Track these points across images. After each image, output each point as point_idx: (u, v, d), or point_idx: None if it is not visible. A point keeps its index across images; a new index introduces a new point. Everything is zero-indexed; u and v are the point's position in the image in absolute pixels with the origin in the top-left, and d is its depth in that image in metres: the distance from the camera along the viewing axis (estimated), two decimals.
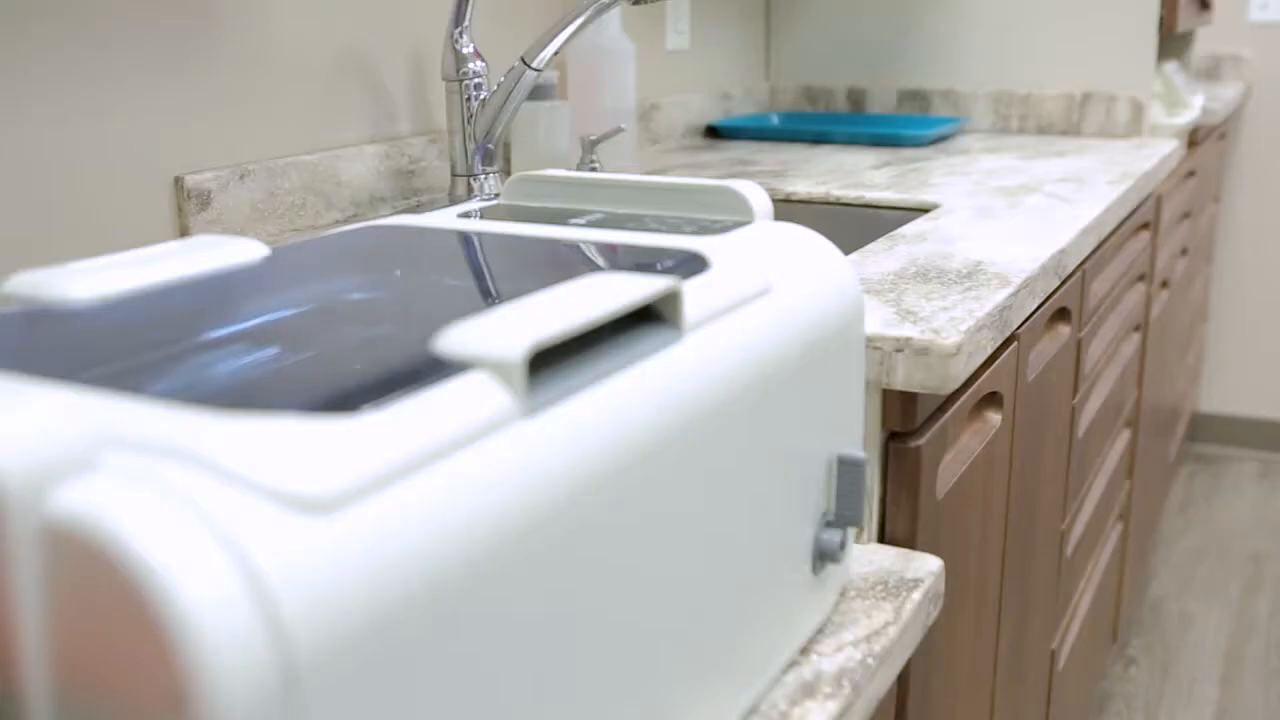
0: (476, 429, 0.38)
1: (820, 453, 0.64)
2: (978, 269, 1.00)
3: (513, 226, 0.69)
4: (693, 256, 0.60)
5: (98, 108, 1.02)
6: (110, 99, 1.03)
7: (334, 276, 0.61)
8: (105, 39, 1.02)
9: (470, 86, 1.28)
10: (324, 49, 1.25)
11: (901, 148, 1.84)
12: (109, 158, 1.03)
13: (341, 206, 1.27)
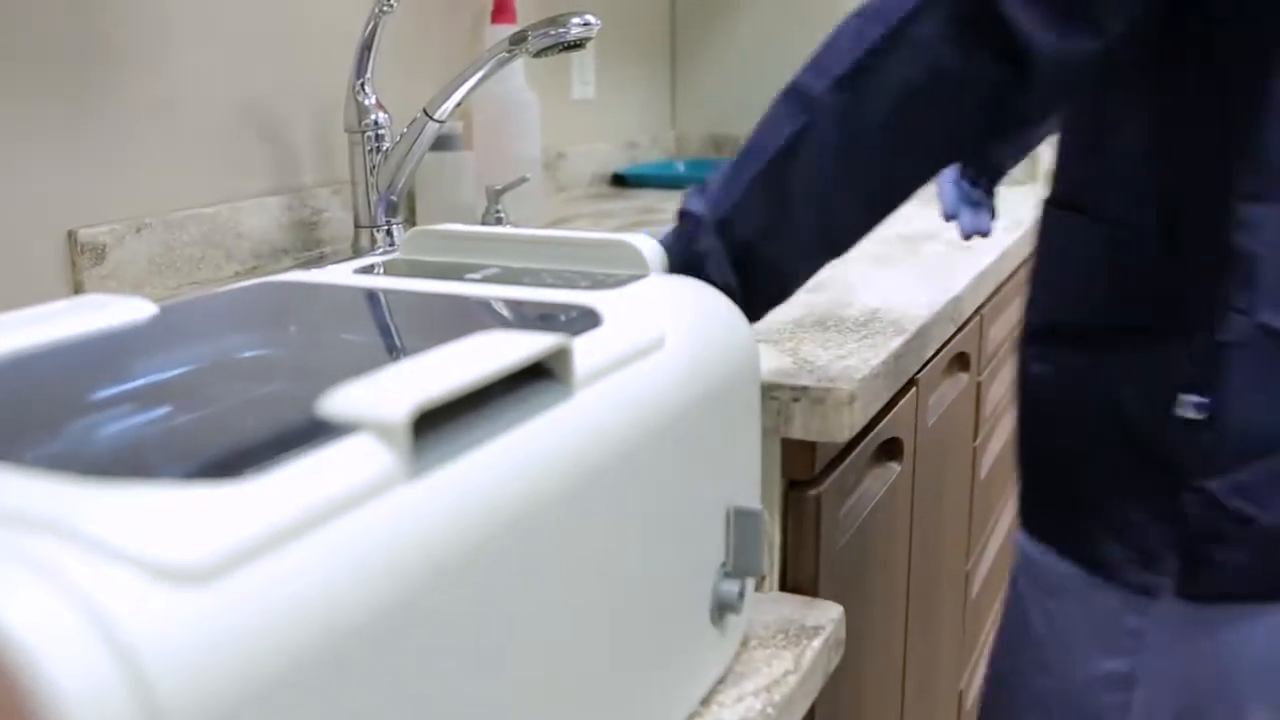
0: (359, 492, 0.38)
1: (717, 504, 0.65)
2: (875, 317, 1.02)
3: (408, 282, 0.69)
4: (585, 312, 0.60)
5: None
6: (0, 150, 1.01)
7: (224, 335, 0.61)
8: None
9: (373, 138, 1.28)
10: (225, 100, 1.25)
11: None
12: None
13: (242, 259, 1.25)
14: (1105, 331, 0.81)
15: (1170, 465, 0.78)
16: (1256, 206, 0.73)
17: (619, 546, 0.53)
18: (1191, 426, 0.76)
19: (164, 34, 1.17)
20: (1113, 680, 0.85)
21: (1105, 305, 0.81)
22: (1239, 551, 0.77)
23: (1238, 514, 0.76)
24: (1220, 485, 0.76)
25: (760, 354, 0.89)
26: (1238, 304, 0.74)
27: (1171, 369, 0.77)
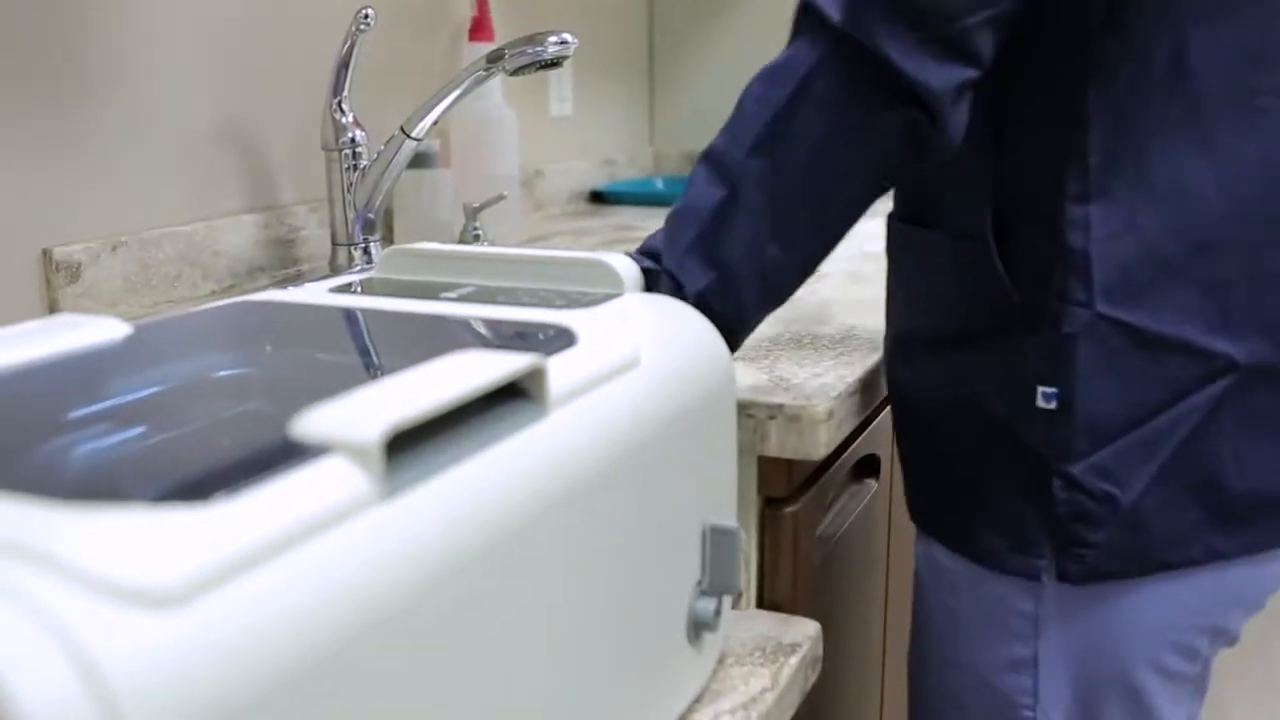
0: (332, 514, 0.38)
1: (693, 522, 0.65)
2: (850, 334, 1.03)
3: (384, 301, 0.69)
4: (560, 331, 0.60)
5: None
6: None
7: (198, 355, 0.60)
8: None
9: (350, 155, 1.28)
10: (202, 118, 1.24)
11: None
12: None
13: (219, 277, 1.25)
14: (958, 335, 0.85)
15: (1034, 455, 0.82)
16: (1084, 207, 0.77)
17: (594, 565, 0.53)
18: (1048, 416, 0.80)
19: (140, 52, 1.17)
20: (1016, 664, 0.87)
21: (954, 311, 0.85)
22: (1104, 530, 0.81)
23: (1100, 494, 0.80)
24: (1081, 469, 0.80)
25: (736, 372, 0.89)
26: (1077, 298, 0.78)
27: (1024, 364, 0.81)
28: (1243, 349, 0.78)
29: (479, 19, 1.61)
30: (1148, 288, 0.77)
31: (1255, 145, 0.76)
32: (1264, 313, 0.78)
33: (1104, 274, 0.77)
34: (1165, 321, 0.78)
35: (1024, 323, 0.80)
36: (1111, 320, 0.78)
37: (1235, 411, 0.79)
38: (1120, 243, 0.77)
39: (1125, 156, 0.76)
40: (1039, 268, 0.79)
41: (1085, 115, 0.77)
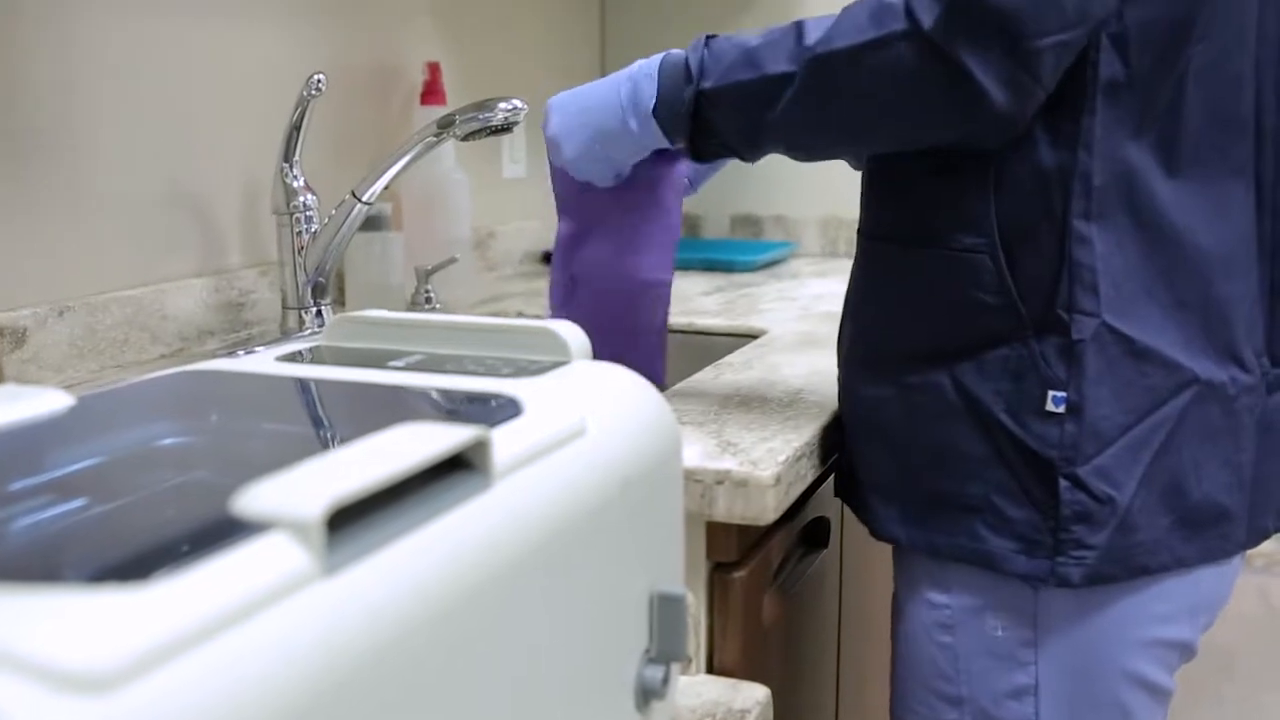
0: (272, 592, 0.38)
1: (640, 589, 0.65)
2: (799, 397, 1.03)
3: (330, 370, 0.69)
4: (506, 400, 0.60)
5: None
6: None
7: (142, 426, 0.60)
8: None
9: (301, 219, 1.28)
10: (152, 181, 1.24)
11: (734, 273, 1.89)
12: None
13: (167, 341, 1.25)
14: (957, 348, 0.89)
15: (1040, 458, 0.86)
16: (1089, 224, 0.84)
17: (540, 637, 0.53)
18: (1057, 419, 0.86)
19: (88, 115, 1.17)
20: (1018, 692, 0.91)
21: (953, 324, 0.89)
22: (1103, 532, 0.86)
23: (1103, 495, 0.85)
24: (1086, 471, 0.85)
25: (684, 437, 0.89)
26: (1086, 307, 0.84)
27: (1034, 370, 0.86)
28: (1201, 366, 0.86)
29: (430, 83, 1.62)
30: (1133, 303, 0.85)
31: (1213, 191, 0.85)
32: (1213, 335, 0.86)
33: (1106, 287, 0.84)
34: (1149, 334, 0.85)
35: (1031, 331, 0.86)
36: (1113, 329, 0.84)
37: (1194, 424, 0.87)
38: (1113, 260, 0.84)
39: (1119, 182, 0.84)
40: (1046, 279, 0.85)
41: (1092, 139, 0.83)
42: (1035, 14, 0.77)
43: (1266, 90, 0.87)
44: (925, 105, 0.82)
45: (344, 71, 1.53)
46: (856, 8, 0.85)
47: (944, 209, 0.89)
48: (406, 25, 1.67)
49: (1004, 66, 0.78)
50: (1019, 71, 0.79)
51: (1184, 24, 0.82)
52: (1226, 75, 0.85)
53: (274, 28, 1.41)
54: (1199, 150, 0.85)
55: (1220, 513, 0.89)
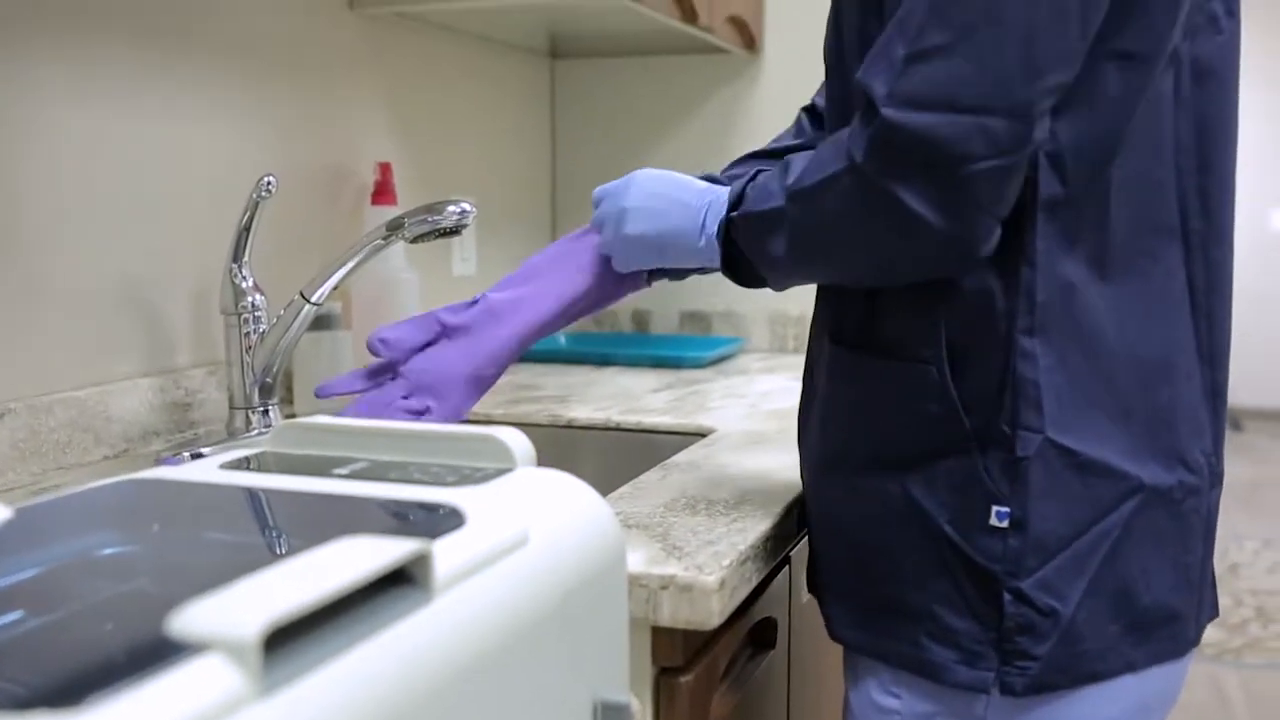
0: (206, 717, 0.38)
1: (584, 699, 0.65)
2: (745, 499, 1.04)
3: (274, 479, 0.69)
4: (449, 511, 0.61)
5: None
6: None
7: (82, 536, 0.60)
8: None
9: (249, 319, 1.28)
10: (100, 281, 1.24)
11: (683, 369, 1.91)
12: None
13: (111, 442, 1.24)
14: (904, 457, 0.90)
15: (984, 571, 0.87)
16: (1032, 340, 0.85)
17: None
18: (1000, 534, 0.86)
19: (37, 213, 1.17)
20: None
21: (900, 434, 0.90)
22: (1046, 643, 0.86)
23: (1045, 608, 0.86)
24: (1030, 584, 0.86)
25: (629, 541, 0.90)
26: (1030, 424, 0.85)
27: (978, 485, 0.87)
28: (1147, 472, 0.87)
29: (381, 183, 1.64)
30: (1077, 416, 0.85)
31: (1147, 298, 0.87)
32: (1157, 441, 0.88)
33: (1050, 402, 0.85)
34: (1092, 446, 0.86)
35: (975, 445, 0.87)
36: (1056, 445, 0.85)
37: (1141, 529, 0.87)
38: (1056, 375, 0.85)
39: (1060, 296, 0.85)
40: (990, 394, 0.86)
41: (1035, 255, 0.85)
42: (962, 140, 0.78)
43: (1189, 196, 0.89)
44: (876, 237, 0.84)
45: (295, 171, 1.54)
46: (826, 143, 0.87)
47: (895, 320, 0.90)
48: (359, 125, 1.69)
49: (936, 192, 0.79)
50: (953, 195, 0.79)
51: (1111, 139, 0.84)
52: (1150, 184, 0.87)
53: (226, 128, 1.42)
54: (1130, 259, 0.87)
55: (1170, 614, 0.89)
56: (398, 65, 1.78)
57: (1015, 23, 0.78)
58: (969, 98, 0.79)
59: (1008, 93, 0.79)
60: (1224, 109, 0.90)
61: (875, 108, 0.81)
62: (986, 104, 0.79)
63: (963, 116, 0.78)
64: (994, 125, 0.78)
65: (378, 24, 1.72)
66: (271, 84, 1.50)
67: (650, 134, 2.23)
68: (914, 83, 0.80)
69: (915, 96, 0.79)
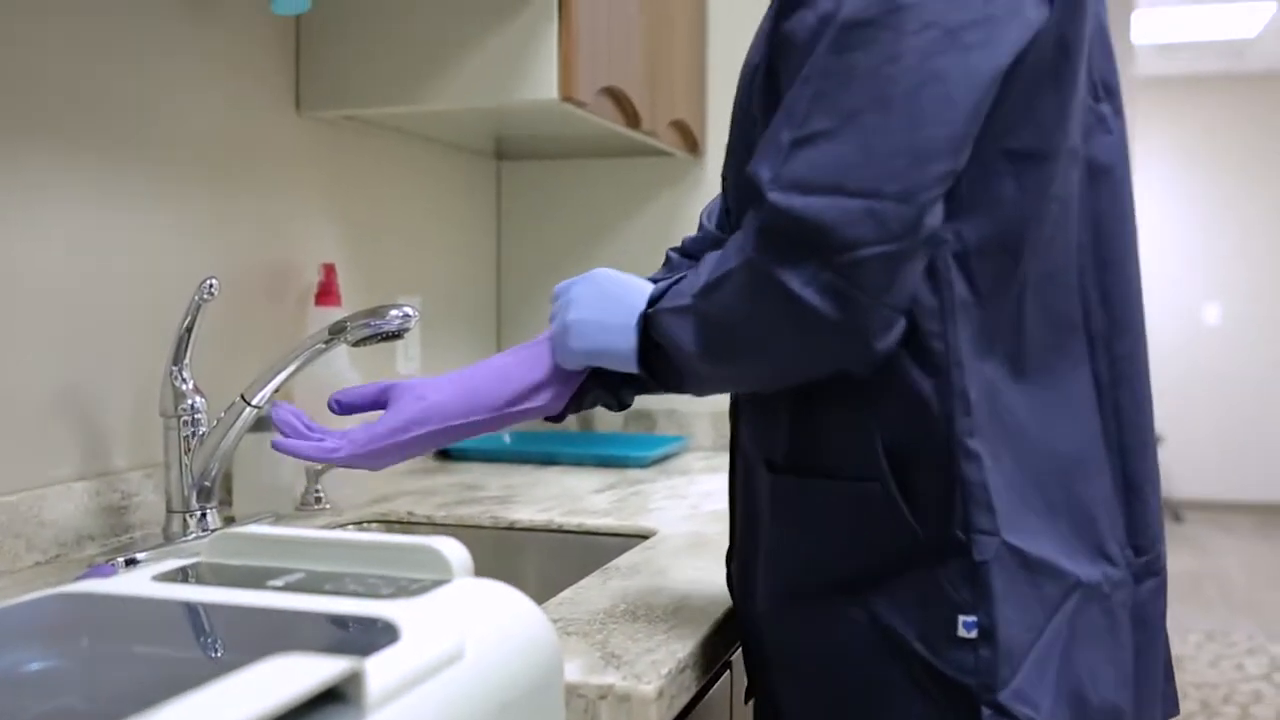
0: None
1: None
2: (685, 603, 1.04)
3: (208, 592, 0.68)
4: (384, 626, 0.60)
5: None
6: None
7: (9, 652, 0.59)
8: None
9: (189, 422, 1.28)
10: (35, 383, 1.23)
11: (627, 468, 1.91)
12: None
13: (44, 548, 1.22)
14: (860, 578, 0.88)
15: (960, 687, 0.84)
16: (973, 441, 0.84)
17: None
18: (970, 645, 0.84)
19: None
20: None
21: (858, 555, 0.88)
22: None
23: (1024, 718, 0.84)
24: (1007, 695, 0.84)
25: (568, 649, 0.89)
26: (984, 526, 0.84)
27: (940, 596, 0.85)
28: (1080, 568, 0.87)
29: (325, 284, 1.64)
30: (1017, 516, 0.85)
31: (1060, 395, 0.89)
32: (1083, 536, 0.88)
33: (1002, 503, 0.85)
34: (1034, 545, 0.85)
35: (933, 556, 0.85)
36: (1010, 546, 0.84)
37: (1083, 628, 0.87)
38: (994, 475, 0.85)
39: (986, 397, 0.85)
40: (940, 501, 0.85)
41: (961, 356, 0.85)
42: (848, 225, 0.78)
43: (1090, 293, 0.91)
44: (773, 330, 0.84)
45: (239, 271, 1.54)
46: (730, 240, 0.88)
47: (831, 440, 0.89)
48: (304, 226, 1.70)
49: (823, 279, 0.79)
50: (840, 282, 0.79)
51: (1017, 241, 0.85)
52: (1058, 285, 0.89)
53: (169, 228, 1.42)
54: (1043, 357, 0.88)
55: (1115, 713, 0.89)
56: (344, 166, 1.80)
57: (901, 109, 0.79)
58: (856, 181, 0.79)
59: (895, 177, 0.79)
60: (1118, 206, 0.93)
61: (763, 194, 0.81)
62: (874, 188, 0.79)
63: (850, 200, 0.79)
64: (882, 210, 0.79)
65: (324, 126, 1.73)
66: (217, 185, 1.51)
67: (594, 235, 2.26)
68: (800, 167, 0.80)
69: (801, 181, 0.80)
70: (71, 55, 1.29)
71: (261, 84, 1.61)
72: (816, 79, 0.82)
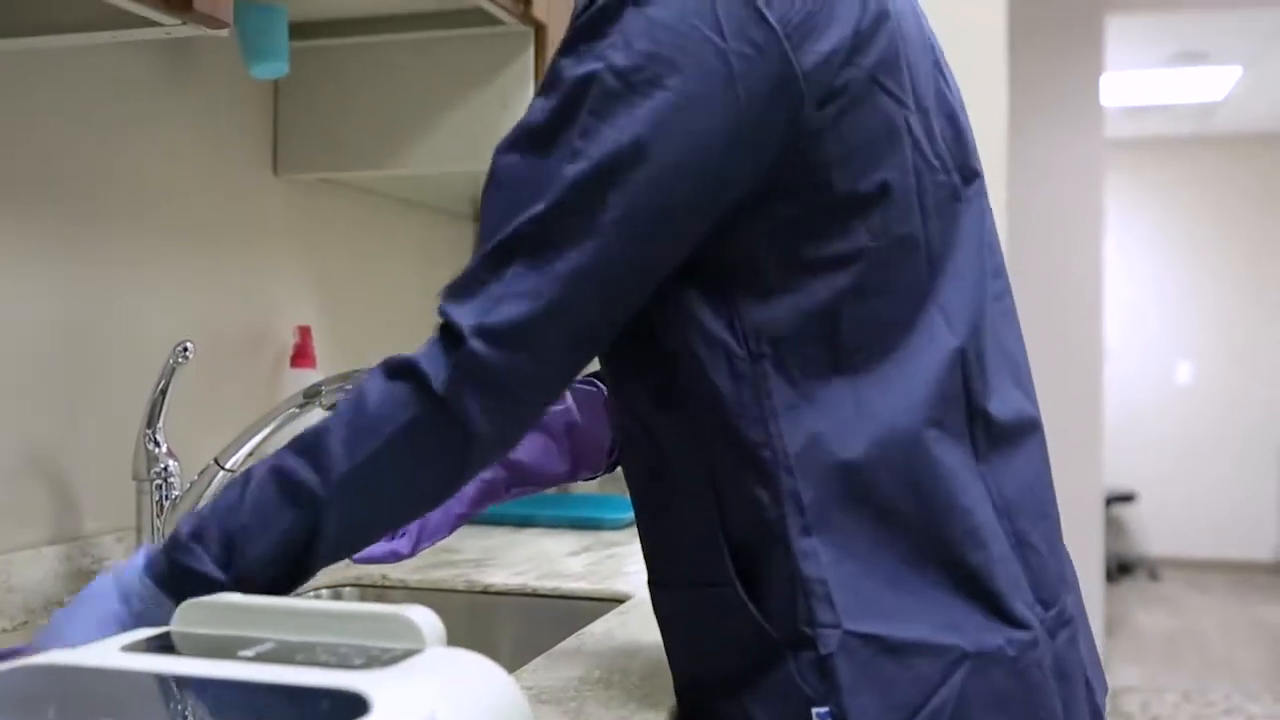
0: None
1: None
2: (658, 669, 1.04)
3: (176, 662, 0.68)
4: (354, 698, 0.60)
5: None
6: None
7: None
8: None
9: (161, 486, 1.27)
10: (4, 447, 1.23)
11: (602, 530, 1.91)
12: None
13: (11, 614, 1.20)
14: (736, 678, 0.89)
15: None
16: (810, 539, 0.85)
17: None
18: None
19: None
20: None
21: (726, 656, 0.89)
22: None
23: None
24: None
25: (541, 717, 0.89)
26: (825, 620, 0.85)
27: (796, 691, 0.85)
28: (969, 639, 0.86)
29: (301, 346, 1.64)
30: (878, 600, 0.85)
31: (931, 470, 0.87)
32: (977, 603, 0.87)
33: (840, 595, 0.84)
34: (900, 627, 0.85)
35: (787, 652, 0.85)
36: (859, 635, 0.84)
37: (981, 697, 0.86)
38: (845, 566, 0.85)
39: (834, 491, 0.86)
40: (784, 599, 0.86)
41: (790, 460, 0.86)
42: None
43: (971, 365, 0.90)
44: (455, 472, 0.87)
45: (215, 333, 1.54)
46: (330, 429, 0.87)
47: (683, 551, 0.92)
48: (280, 288, 1.70)
49: (512, 420, 0.86)
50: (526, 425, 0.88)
51: (832, 321, 0.86)
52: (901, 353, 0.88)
53: (144, 290, 1.42)
54: (914, 432, 0.87)
55: None
56: (321, 228, 1.80)
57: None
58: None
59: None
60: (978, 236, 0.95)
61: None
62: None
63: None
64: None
65: (302, 188, 1.74)
66: (194, 247, 1.51)
67: None
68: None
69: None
70: (50, 117, 1.29)
71: (240, 146, 1.62)
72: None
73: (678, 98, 0.82)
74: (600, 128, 0.82)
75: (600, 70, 0.82)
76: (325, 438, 0.86)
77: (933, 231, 0.90)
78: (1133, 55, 5.62)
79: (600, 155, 0.82)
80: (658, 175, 0.82)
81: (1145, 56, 5.71)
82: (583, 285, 0.83)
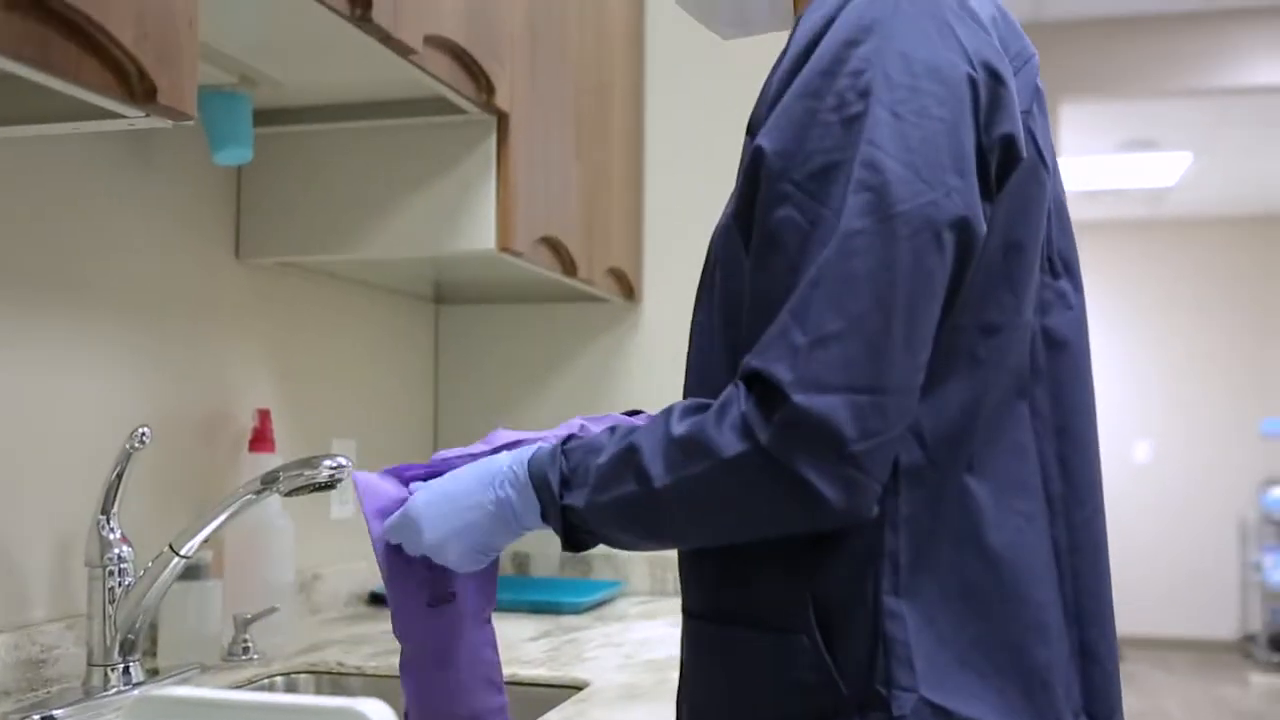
0: None
1: None
2: None
3: None
4: None
5: None
6: None
7: None
8: None
9: (114, 572, 1.26)
10: None
11: (562, 615, 1.89)
12: None
13: None
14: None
15: None
16: (899, 601, 0.87)
17: None
18: None
19: None
20: None
21: (779, 707, 0.89)
22: None
23: None
24: None
25: None
26: (904, 683, 0.86)
27: None
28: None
29: (260, 430, 1.63)
30: (948, 674, 0.87)
31: (1016, 560, 0.90)
32: (1033, 700, 0.89)
33: (921, 661, 0.86)
34: (968, 704, 0.87)
35: (854, 709, 0.86)
36: (931, 704, 0.86)
37: None
38: (925, 635, 0.87)
39: (926, 559, 0.88)
40: (861, 656, 0.87)
41: (897, 520, 0.88)
42: (860, 419, 0.82)
43: (1049, 461, 0.93)
44: (774, 514, 0.86)
45: (173, 416, 1.53)
46: (698, 421, 0.88)
47: (760, 590, 0.91)
48: (240, 371, 1.70)
49: (837, 471, 0.82)
50: (851, 472, 0.82)
51: (969, 408, 0.89)
52: (1014, 450, 0.91)
53: (101, 373, 1.42)
54: (1001, 521, 0.90)
55: None
56: (282, 311, 1.81)
57: (899, 308, 0.84)
58: (863, 379, 0.83)
59: (895, 372, 0.84)
60: (1077, 376, 0.96)
61: (781, 392, 0.83)
62: (879, 384, 0.83)
63: (860, 397, 0.83)
64: (886, 403, 0.83)
65: (263, 272, 1.75)
66: (154, 330, 1.51)
67: (533, 378, 2.27)
68: (817, 368, 0.83)
69: (818, 381, 0.83)
70: (11, 200, 1.29)
71: (202, 231, 1.62)
72: (825, 283, 0.84)
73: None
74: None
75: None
76: (687, 439, 0.88)
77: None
78: (1086, 141, 5.74)
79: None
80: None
81: (1098, 142, 5.83)
82: (874, 335, 0.85)
